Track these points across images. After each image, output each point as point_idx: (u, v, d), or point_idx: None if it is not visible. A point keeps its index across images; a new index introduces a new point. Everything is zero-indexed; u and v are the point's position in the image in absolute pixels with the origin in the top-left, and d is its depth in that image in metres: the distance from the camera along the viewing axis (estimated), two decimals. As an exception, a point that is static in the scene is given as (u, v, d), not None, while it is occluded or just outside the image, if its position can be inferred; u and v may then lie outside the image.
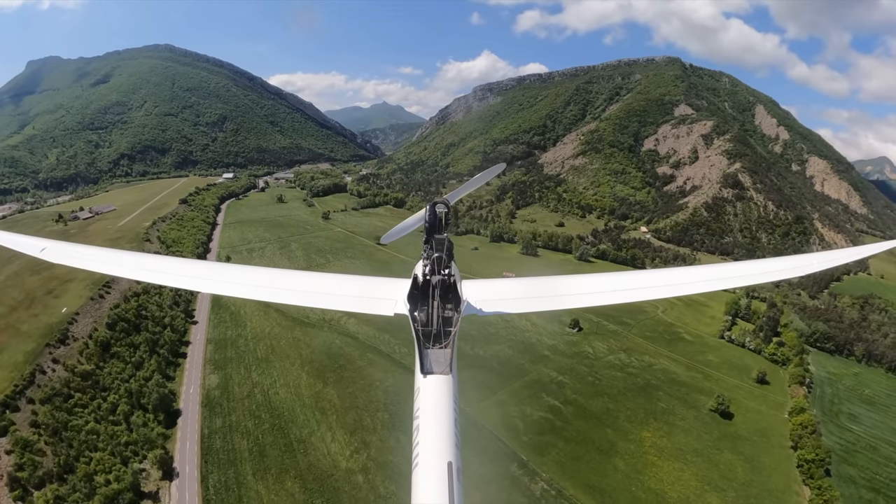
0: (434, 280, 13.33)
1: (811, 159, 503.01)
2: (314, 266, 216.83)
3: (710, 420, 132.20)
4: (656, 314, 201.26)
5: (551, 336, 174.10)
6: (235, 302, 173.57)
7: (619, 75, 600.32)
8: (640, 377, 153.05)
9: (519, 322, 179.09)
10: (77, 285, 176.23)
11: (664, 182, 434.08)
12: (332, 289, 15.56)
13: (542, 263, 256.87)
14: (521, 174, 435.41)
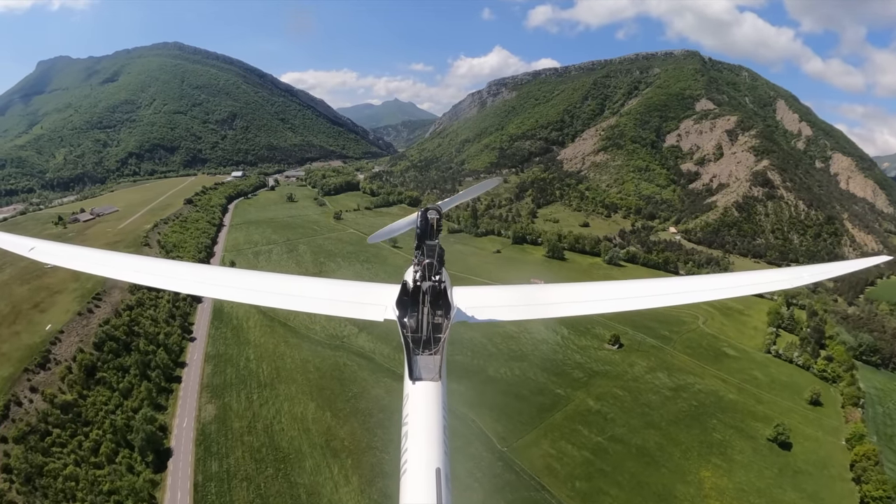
0: (424, 286, 13.04)
1: (834, 156, 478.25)
2: (325, 273, 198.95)
3: (769, 451, 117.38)
4: (697, 325, 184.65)
5: (584, 352, 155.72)
6: (238, 315, 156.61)
7: (636, 69, 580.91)
8: (689, 402, 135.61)
9: (545, 334, 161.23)
10: (66, 297, 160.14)
11: (689, 179, 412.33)
12: (321, 293, 15.41)
13: (571, 269, 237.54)
14: (540, 171, 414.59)
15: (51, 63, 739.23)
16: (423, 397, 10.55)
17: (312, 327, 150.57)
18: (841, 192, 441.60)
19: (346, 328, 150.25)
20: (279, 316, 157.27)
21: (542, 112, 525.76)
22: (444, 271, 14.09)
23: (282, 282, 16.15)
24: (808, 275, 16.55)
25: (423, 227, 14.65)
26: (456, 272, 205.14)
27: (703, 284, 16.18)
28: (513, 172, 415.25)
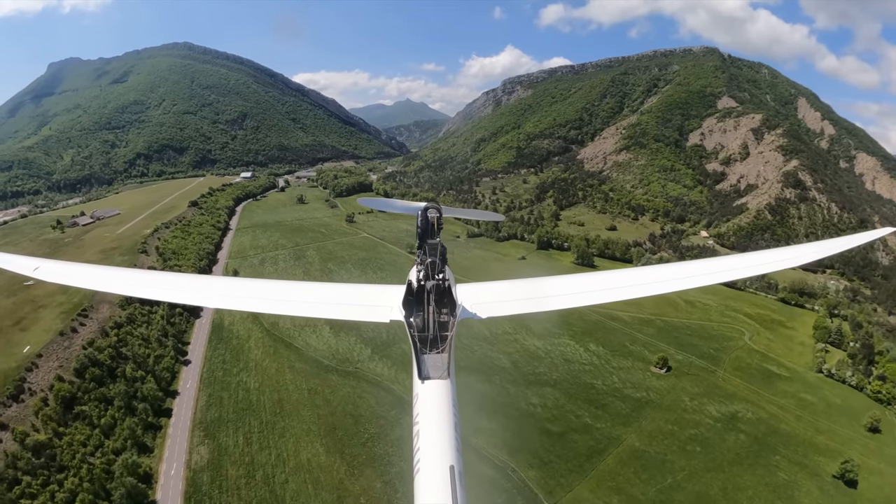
0: (428, 285, 13.02)
1: (858, 156, 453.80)
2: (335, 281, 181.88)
3: (835, 491, 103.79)
4: (743, 341, 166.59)
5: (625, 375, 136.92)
6: (238, 333, 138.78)
7: (655, 66, 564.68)
8: (748, 435, 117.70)
9: (574, 353, 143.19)
10: (49, 313, 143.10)
11: (715, 180, 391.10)
12: (326, 298, 15.44)
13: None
14: (560, 171, 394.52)
15: (61, 65, 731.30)
16: (433, 396, 10.37)
17: (320, 349, 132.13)
18: (868, 193, 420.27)
19: (359, 350, 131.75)
20: (284, 334, 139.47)
21: (560, 110, 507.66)
22: (447, 269, 13.83)
23: (287, 288, 15.77)
24: (812, 252, 16.10)
25: (424, 226, 14.18)
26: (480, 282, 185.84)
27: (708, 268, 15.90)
28: (532, 172, 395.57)
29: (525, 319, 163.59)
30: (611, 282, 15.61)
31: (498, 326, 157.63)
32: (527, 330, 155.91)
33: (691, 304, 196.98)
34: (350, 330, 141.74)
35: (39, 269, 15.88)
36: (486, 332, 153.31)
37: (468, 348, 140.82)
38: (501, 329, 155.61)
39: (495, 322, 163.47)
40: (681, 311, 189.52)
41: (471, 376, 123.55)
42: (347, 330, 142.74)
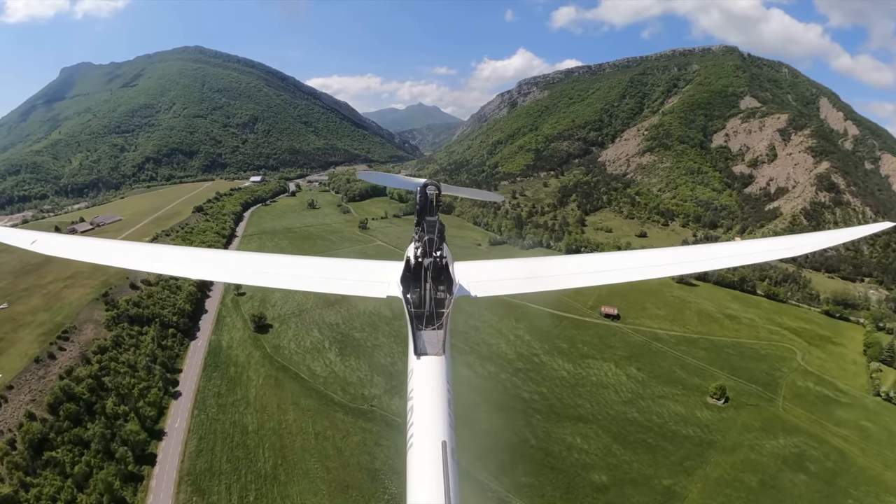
0: (426, 262, 13.03)
1: (883, 157, 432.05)
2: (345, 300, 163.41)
3: None
4: (796, 362, 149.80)
5: (676, 404, 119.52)
6: (237, 359, 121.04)
7: (674, 66, 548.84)
8: (818, 476, 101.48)
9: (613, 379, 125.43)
10: (28, 334, 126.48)
11: (744, 183, 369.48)
12: (324, 272, 15.22)
13: (639, 289, 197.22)
14: (582, 174, 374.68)
15: (73, 69, 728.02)
16: (428, 372, 10.37)
17: (329, 380, 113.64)
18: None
19: (372, 382, 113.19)
20: (287, 360, 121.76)
21: (578, 111, 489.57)
22: (445, 247, 13.84)
23: (286, 262, 15.43)
24: (811, 243, 15.90)
25: (423, 203, 14.15)
26: (509, 300, 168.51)
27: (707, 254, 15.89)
28: (552, 175, 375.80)
29: (555, 341, 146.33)
30: (610, 264, 15.32)
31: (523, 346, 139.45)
32: (557, 352, 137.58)
33: (736, 319, 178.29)
34: (360, 355, 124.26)
35: (37, 242, 15.32)
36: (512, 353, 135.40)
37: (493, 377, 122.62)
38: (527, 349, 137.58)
39: (519, 342, 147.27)
40: (726, 329, 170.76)
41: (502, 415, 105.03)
42: (357, 354, 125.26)
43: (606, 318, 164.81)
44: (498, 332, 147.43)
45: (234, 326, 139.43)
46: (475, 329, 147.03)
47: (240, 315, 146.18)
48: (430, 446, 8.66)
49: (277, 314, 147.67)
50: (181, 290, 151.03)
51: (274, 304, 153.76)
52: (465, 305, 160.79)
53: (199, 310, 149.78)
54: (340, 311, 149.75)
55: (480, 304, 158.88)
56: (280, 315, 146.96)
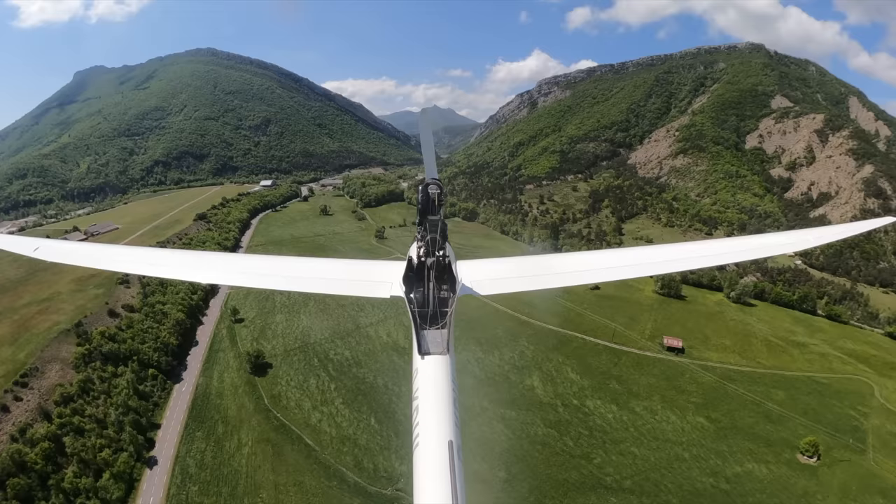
0: (429, 261, 12.90)
1: None
2: (363, 328, 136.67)
3: None
4: (875, 399, 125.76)
5: (760, 464, 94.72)
6: (227, 412, 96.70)
7: (700, 64, 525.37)
8: None
9: (675, 429, 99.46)
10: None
11: (783, 187, 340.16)
12: (327, 273, 14.94)
13: (695, 312, 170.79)
14: (612, 177, 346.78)
15: (86, 73, 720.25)
16: (432, 371, 10.24)
17: (342, 449, 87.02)
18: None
19: (399, 454, 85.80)
20: (287, 415, 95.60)
21: (603, 111, 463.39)
22: (447, 246, 13.59)
23: (288, 264, 15.25)
24: (814, 237, 15.31)
25: (425, 202, 13.49)
26: (560, 332, 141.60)
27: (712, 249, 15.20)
28: (580, 179, 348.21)
29: (613, 384, 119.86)
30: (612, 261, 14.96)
31: (567, 387, 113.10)
32: (612, 396, 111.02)
33: (804, 348, 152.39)
34: (377, 408, 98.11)
35: (39, 249, 15.11)
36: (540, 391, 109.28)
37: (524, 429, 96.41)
38: (566, 387, 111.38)
39: (564, 383, 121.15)
40: (797, 360, 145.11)
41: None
42: (374, 407, 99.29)
43: (669, 351, 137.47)
44: (541, 369, 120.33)
45: (227, 365, 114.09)
46: (517, 369, 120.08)
47: (235, 349, 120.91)
48: (436, 446, 8.40)
49: (278, 348, 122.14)
50: (167, 318, 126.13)
51: (275, 334, 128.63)
52: (504, 341, 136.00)
53: (188, 341, 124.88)
54: (351, 345, 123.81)
55: (522, 338, 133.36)
56: (281, 350, 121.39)
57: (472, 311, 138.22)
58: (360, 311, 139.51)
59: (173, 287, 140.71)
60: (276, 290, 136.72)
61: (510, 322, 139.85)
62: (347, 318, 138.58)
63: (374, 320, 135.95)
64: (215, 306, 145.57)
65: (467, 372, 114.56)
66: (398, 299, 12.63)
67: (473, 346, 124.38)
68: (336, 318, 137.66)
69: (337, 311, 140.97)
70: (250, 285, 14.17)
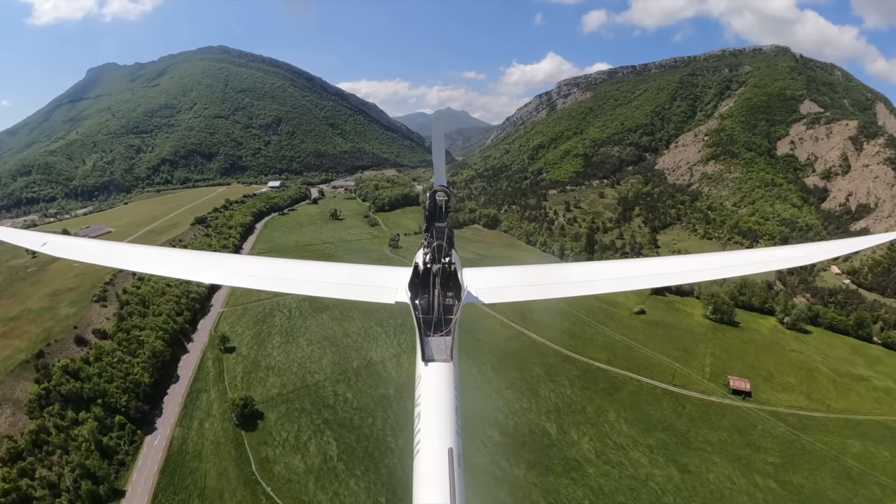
0: (434, 268, 12.71)
1: None
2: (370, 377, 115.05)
3: None
4: None
5: None
6: (204, 485, 75.68)
7: (724, 66, 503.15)
8: None
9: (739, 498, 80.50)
10: None
11: (819, 197, 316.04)
12: (332, 277, 14.60)
13: (750, 341, 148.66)
14: (640, 183, 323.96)
15: (98, 70, 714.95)
16: (435, 378, 10.05)
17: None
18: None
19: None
20: (285, 495, 73.55)
21: (627, 114, 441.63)
22: (454, 253, 13.46)
23: (294, 268, 14.88)
24: (823, 251, 15.27)
25: (432, 209, 13.92)
26: (611, 373, 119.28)
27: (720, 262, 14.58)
28: (607, 184, 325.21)
29: (669, 438, 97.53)
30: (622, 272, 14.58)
31: (621, 442, 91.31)
32: (662, 449, 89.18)
33: (868, 383, 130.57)
34: (396, 483, 75.73)
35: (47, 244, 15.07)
36: (589, 452, 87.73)
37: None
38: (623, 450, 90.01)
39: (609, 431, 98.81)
40: (866, 400, 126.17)
41: None
42: (385, 482, 77.01)
43: (735, 394, 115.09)
44: (590, 422, 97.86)
45: (209, 410, 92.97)
46: (558, 421, 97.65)
47: (220, 388, 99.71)
48: (436, 453, 8.33)
49: (272, 389, 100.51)
50: (143, 349, 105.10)
51: (269, 368, 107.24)
52: (542, 381, 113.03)
53: (166, 376, 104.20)
54: (360, 388, 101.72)
55: (565, 378, 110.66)
56: (275, 392, 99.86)
57: (503, 343, 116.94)
58: (371, 342, 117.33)
59: (155, 306, 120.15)
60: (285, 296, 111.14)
61: (552, 357, 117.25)
62: (355, 350, 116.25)
63: (387, 354, 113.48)
64: (204, 328, 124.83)
65: (494, 423, 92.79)
66: (403, 305, 12.17)
67: (505, 389, 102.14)
68: (342, 350, 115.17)
69: (343, 340, 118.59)
70: (256, 287, 13.71)
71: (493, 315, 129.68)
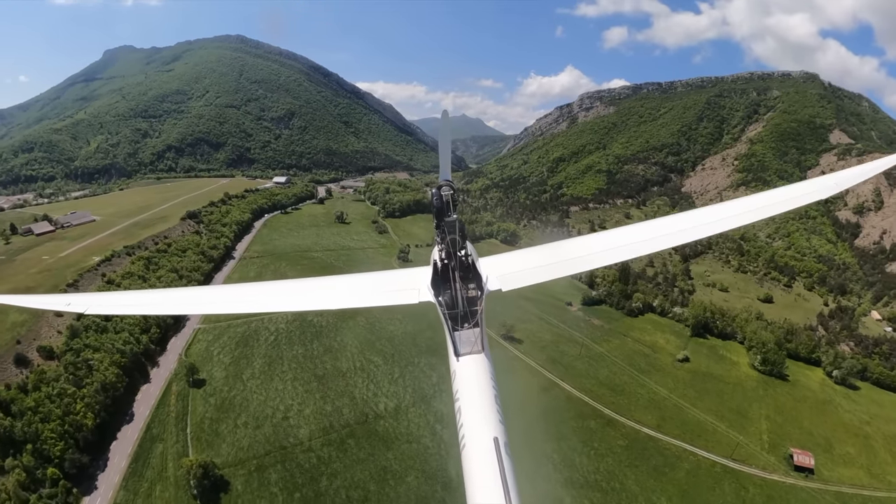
0: (452, 263, 12.67)
1: None
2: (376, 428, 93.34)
3: None
4: None
5: None
6: None
7: (752, 90, 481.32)
8: None
9: None
10: None
11: (852, 233, 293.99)
12: (354, 288, 14.39)
13: (801, 399, 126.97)
14: (666, 205, 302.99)
15: (115, 51, 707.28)
16: (470, 371, 10.01)
17: None
18: None
19: None
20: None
21: (651, 132, 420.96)
22: (468, 244, 13.26)
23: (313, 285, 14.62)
24: (834, 182, 14.81)
25: (440, 205, 13.80)
26: (648, 431, 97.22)
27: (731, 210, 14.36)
28: (632, 204, 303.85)
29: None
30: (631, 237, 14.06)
31: None
32: None
33: None
34: None
35: (71, 304, 13.99)
36: None
37: None
38: None
39: None
40: None
41: None
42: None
43: (798, 471, 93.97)
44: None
45: (162, 471, 72.20)
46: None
47: (180, 439, 78.27)
48: (481, 444, 8.23)
49: (241, 446, 78.68)
50: (93, 377, 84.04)
51: (241, 416, 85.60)
52: (578, 450, 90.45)
53: (118, 414, 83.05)
54: (354, 456, 79.44)
55: (609, 456, 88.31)
56: (245, 452, 77.96)
57: (535, 399, 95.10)
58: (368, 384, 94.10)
59: (117, 320, 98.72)
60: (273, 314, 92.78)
61: (592, 419, 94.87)
62: (349, 397, 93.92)
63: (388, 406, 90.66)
64: (175, 349, 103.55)
65: None
66: (427, 304, 12.07)
67: (540, 466, 79.71)
68: (332, 395, 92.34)
69: (335, 381, 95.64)
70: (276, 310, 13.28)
71: (520, 357, 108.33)
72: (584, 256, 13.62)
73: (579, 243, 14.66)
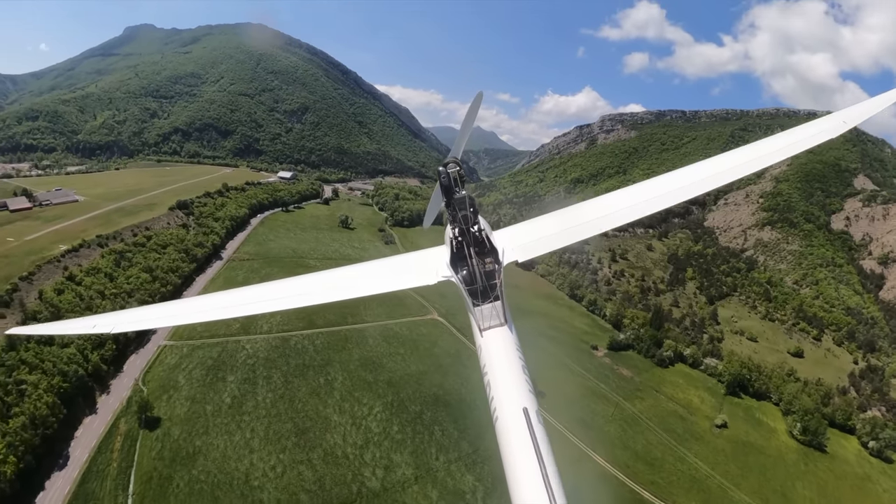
0: (466, 239, 12.58)
1: None
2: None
3: None
4: None
5: None
6: None
7: (777, 126, 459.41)
8: None
9: None
10: None
11: (877, 285, 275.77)
12: (372, 275, 14.08)
13: (837, 475, 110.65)
14: (689, 239, 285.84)
15: (135, 29, 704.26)
16: (495, 344, 10.05)
17: None
18: None
19: None
20: None
21: (674, 160, 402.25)
22: (480, 219, 13.06)
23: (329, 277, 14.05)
24: (842, 119, 14.59)
25: (447, 183, 13.69)
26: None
27: (741, 157, 14.52)
28: (653, 235, 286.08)
29: None
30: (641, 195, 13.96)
31: None
32: None
33: None
34: None
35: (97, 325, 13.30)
36: None
37: None
38: None
39: None
40: None
41: None
42: None
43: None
44: None
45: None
46: None
47: (120, 498, 60.20)
48: (512, 415, 8.32)
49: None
50: (22, 406, 66.37)
51: (200, 472, 66.92)
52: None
53: (51, 455, 65.15)
54: None
55: None
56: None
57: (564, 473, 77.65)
58: (366, 452, 74.62)
59: (58, 345, 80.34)
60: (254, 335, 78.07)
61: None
62: (333, 459, 75.21)
63: (392, 477, 72.04)
64: (132, 371, 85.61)
65: None
66: (445, 283, 11.89)
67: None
68: (316, 457, 74.38)
69: (321, 438, 76.68)
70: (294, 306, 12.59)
71: (549, 420, 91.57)
72: (602, 217, 13.29)
73: (594, 204, 14.17)
